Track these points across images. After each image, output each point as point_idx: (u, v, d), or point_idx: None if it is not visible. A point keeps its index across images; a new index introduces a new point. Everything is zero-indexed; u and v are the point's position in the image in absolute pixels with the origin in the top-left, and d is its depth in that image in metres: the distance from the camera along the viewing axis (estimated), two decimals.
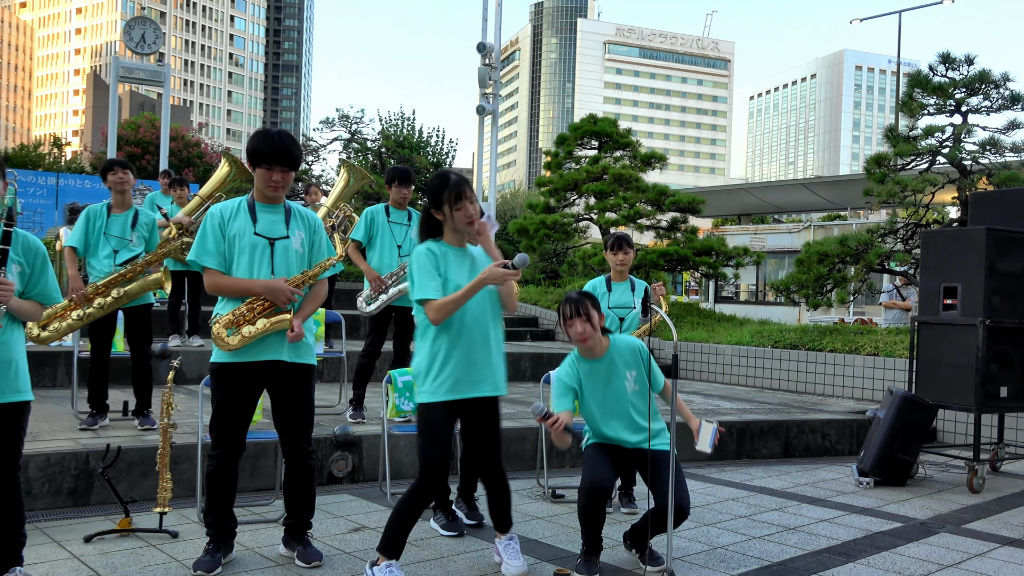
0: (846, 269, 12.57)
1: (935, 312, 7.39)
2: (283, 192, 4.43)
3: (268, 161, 4.33)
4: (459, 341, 4.18)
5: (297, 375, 4.45)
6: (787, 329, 12.83)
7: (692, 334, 13.30)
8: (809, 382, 11.31)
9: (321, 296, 4.55)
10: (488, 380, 4.25)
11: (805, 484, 7.19)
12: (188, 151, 42.20)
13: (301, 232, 4.49)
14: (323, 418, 7.58)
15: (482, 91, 17.78)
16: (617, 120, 19.69)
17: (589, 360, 4.63)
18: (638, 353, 4.67)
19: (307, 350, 4.50)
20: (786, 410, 9.62)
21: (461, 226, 4.25)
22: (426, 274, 4.13)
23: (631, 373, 4.62)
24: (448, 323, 4.16)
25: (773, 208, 30.24)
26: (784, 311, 21.33)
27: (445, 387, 4.18)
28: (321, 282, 4.56)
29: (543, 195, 19.12)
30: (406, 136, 37.49)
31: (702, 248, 16.48)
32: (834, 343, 11.33)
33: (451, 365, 4.17)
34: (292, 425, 4.46)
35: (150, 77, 19.18)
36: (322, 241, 4.58)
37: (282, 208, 4.48)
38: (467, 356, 4.18)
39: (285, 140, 4.36)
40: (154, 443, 6.05)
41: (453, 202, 4.21)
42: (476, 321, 4.22)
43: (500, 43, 18.21)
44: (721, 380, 12.29)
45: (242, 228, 4.35)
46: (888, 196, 12.18)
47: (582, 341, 4.54)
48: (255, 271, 4.34)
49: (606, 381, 4.60)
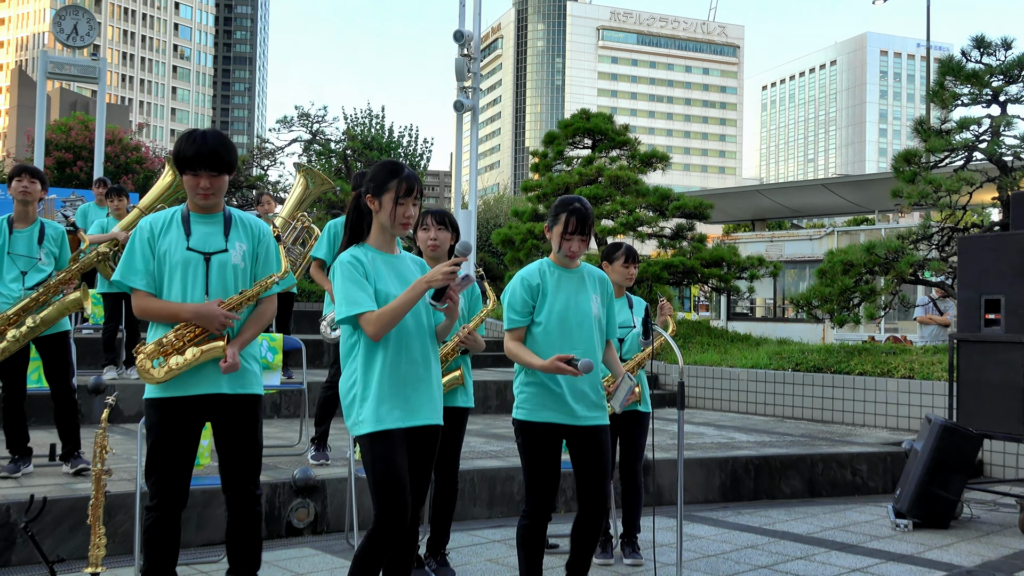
0: (875, 280, 12.57)
1: (976, 328, 7.37)
2: (215, 200, 4.38)
3: (192, 166, 4.28)
4: (397, 362, 4.09)
5: (239, 408, 4.37)
6: (810, 350, 12.82)
7: (702, 356, 13.27)
8: (836, 410, 11.28)
9: (267, 317, 4.48)
10: (426, 407, 4.16)
11: (834, 528, 7.14)
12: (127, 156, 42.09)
13: (243, 243, 4.42)
14: (281, 459, 7.50)
15: (460, 85, 17.76)
16: (613, 116, 19.74)
17: (563, 268, 4.79)
18: (605, 284, 4.89)
19: (251, 378, 4.42)
20: (810, 442, 9.57)
21: (395, 226, 4.17)
22: (355, 285, 4.04)
23: (596, 297, 4.79)
24: (383, 341, 4.07)
25: (791, 212, 30.34)
26: (806, 329, 21.34)
27: (384, 414, 4.06)
28: (268, 300, 4.49)
29: (530, 201, 19.11)
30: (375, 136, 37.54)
31: (711, 258, 16.48)
32: (863, 365, 11.32)
33: (386, 389, 4.08)
34: (234, 465, 4.36)
35: (83, 73, 19.11)
36: (269, 253, 4.50)
37: (220, 217, 4.42)
38: (402, 380, 4.10)
39: (211, 140, 4.31)
40: (85, 492, 5.95)
41: (401, 194, 4.14)
42: (414, 338, 4.14)
43: (480, 30, 18.21)
44: (736, 409, 12.25)
45: (173, 243, 4.31)
46: (920, 197, 12.20)
47: (571, 257, 4.73)
48: (188, 292, 4.29)
49: (576, 291, 4.74)
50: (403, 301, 4.00)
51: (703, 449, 8.90)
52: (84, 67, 19.10)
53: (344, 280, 4.05)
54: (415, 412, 4.10)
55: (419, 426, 4.11)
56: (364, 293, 4.03)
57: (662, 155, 18.75)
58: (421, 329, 4.17)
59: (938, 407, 10.10)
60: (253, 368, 4.44)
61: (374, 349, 4.07)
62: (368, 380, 4.06)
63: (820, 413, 11.42)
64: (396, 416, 4.03)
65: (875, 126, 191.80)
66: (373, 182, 4.18)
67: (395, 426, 4.03)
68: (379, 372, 4.05)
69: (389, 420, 4.02)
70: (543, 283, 4.69)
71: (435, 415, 4.17)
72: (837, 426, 10.96)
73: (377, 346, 4.06)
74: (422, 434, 4.14)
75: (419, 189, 4.23)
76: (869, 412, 10.94)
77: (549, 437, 4.61)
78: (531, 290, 4.68)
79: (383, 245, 4.22)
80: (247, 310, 4.42)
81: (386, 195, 4.13)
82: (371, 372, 4.06)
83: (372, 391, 4.03)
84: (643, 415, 6.02)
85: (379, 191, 4.15)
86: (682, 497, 4.27)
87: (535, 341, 4.65)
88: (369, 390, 4.04)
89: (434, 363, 4.21)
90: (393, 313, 4.00)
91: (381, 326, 3.99)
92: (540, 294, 4.68)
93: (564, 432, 4.62)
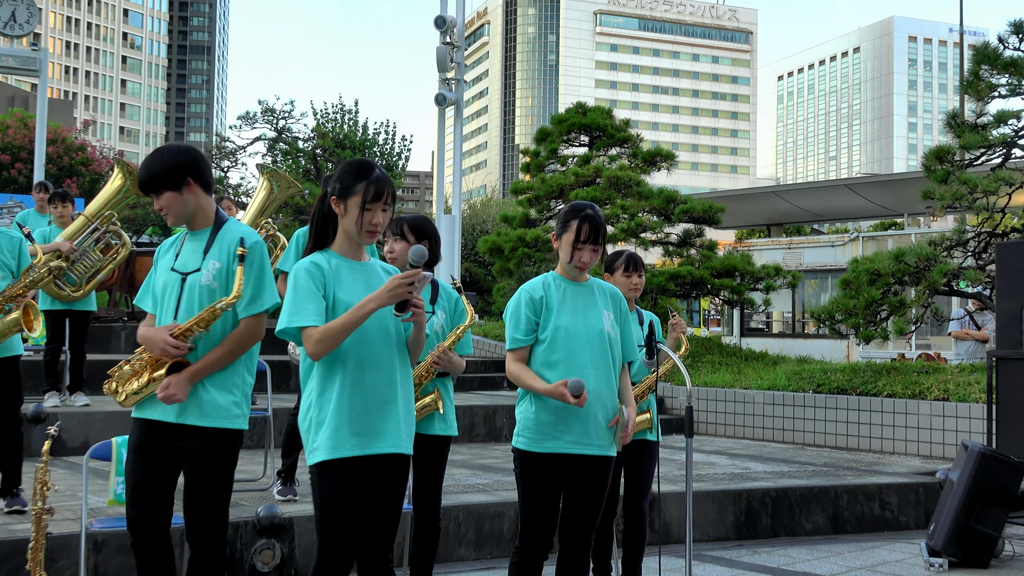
0: (904, 291, 12.60)
1: (1016, 344, 7.39)
2: (173, 219, 4.55)
3: (142, 190, 4.62)
4: (358, 382, 4.07)
5: (207, 441, 4.41)
6: (832, 369, 12.83)
7: (712, 377, 13.28)
8: (862, 436, 11.29)
9: (238, 343, 4.48)
10: (390, 433, 4.13)
11: (861, 568, 7.14)
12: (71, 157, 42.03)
13: (217, 261, 4.47)
14: (244, 495, 7.47)
15: (442, 76, 17.80)
16: (612, 110, 19.78)
17: (571, 281, 4.80)
18: (618, 300, 4.90)
19: (217, 410, 4.42)
20: (834, 472, 9.57)
21: (361, 234, 4.17)
22: (304, 296, 4.04)
23: (608, 314, 4.79)
24: (343, 358, 4.06)
25: (811, 216, 30.40)
26: (828, 346, 21.35)
27: (341, 440, 4.05)
28: (245, 323, 4.48)
29: (521, 205, 19.13)
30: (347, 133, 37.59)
31: (722, 268, 16.50)
32: (892, 385, 11.33)
33: (345, 413, 4.05)
34: (191, 504, 4.40)
35: (22, 65, 19.08)
36: (237, 272, 4.50)
37: (207, 232, 4.56)
38: (364, 402, 4.08)
39: (146, 161, 4.57)
40: (24, 534, 5.91)
41: (369, 198, 4.13)
42: (379, 355, 4.12)
43: (464, 15, 18.28)
44: (751, 435, 12.25)
45: (166, 263, 4.58)
46: (953, 199, 12.24)
47: (581, 269, 4.75)
48: (164, 314, 4.50)
49: (585, 306, 4.75)
50: (347, 320, 3.99)
51: (714, 480, 8.90)
52: (23, 58, 19.07)
53: (294, 289, 4.07)
54: (377, 439, 4.08)
55: (382, 455, 4.09)
56: (313, 305, 4.03)
57: (667, 153, 18.79)
58: (388, 344, 4.15)
59: (975, 432, 10.11)
60: (217, 399, 4.43)
61: (332, 368, 4.07)
62: (325, 403, 4.07)
63: (845, 440, 11.43)
64: (355, 443, 4.03)
65: (903, 120, 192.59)
66: (339, 183, 4.18)
67: (352, 454, 4.03)
68: (337, 394, 4.05)
69: (346, 447, 4.02)
70: (547, 297, 4.70)
71: (401, 443, 4.14)
72: (864, 454, 10.97)
73: (336, 364, 4.06)
74: (386, 464, 4.11)
75: (390, 193, 4.21)
76: (899, 438, 10.96)
77: (553, 470, 4.62)
78: (534, 305, 4.69)
79: (349, 252, 4.22)
80: (204, 339, 4.44)
81: (352, 199, 4.13)
82: (328, 394, 4.07)
83: (329, 415, 4.04)
84: (652, 444, 6.02)
85: (345, 194, 4.15)
86: (691, 535, 4.27)
87: (537, 361, 4.66)
88: (325, 414, 4.05)
89: (402, 384, 4.19)
90: (336, 331, 3.98)
91: (322, 344, 3.98)
92: (544, 309, 4.69)
93: (568, 462, 4.63)
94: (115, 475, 5.46)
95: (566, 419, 4.58)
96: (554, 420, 4.59)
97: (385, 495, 4.13)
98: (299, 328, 4.01)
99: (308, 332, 3.99)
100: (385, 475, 4.12)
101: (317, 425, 4.06)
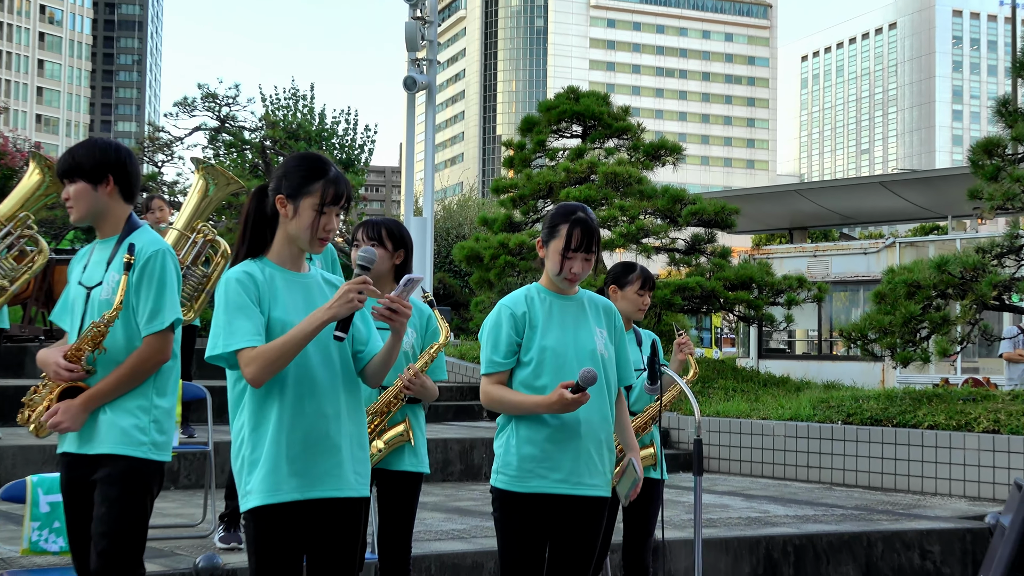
0: (948, 306, 12.63)
1: None
2: (77, 214, 4.62)
3: (60, 175, 4.68)
4: (298, 412, 4.02)
5: (109, 470, 4.42)
6: (865, 396, 12.84)
7: (725, 406, 13.29)
8: (899, 474, 11.30)
9: (137, 369, 4.48)
10: (334, 473, 4.09)
11: None
12: None
13: (116, 273, 4.52)
14: (179, 543, 7.46)
15: (412, 56, 17.82)
16: (609, 95, 19.80)
17: (558, 294, 4.80)
18: (612, 316, 4.90)
19: (117, 434, 4.44)
20: (867, 516, 9.59)
21: (312, 241, 4.11)
22: (239, 312, 3.99)
23: (601, 331, 4.79)
24: (279, 386, 4.02)
25: (839, 218, 30.50)
26: (860, 369, 21.41)
27: (278, 482, 4.02)
28: (147, 342, 4.49)
29: (503, 205, 19.13)
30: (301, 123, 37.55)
31: (737, 279, 16.52)
32: (935, 415, 11.35)
33: (283, 450, 4.01)
34: (97, 544, 4.39)
35: None
36: (142, 284, 4.53)
37: (113, 242, 4.62)
38: (304, 437, 4.03)
39: (75, 147, 4.71)
40: None
41: (328, 200, 4.09)
42: (321, 381, 4.08)
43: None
44: (770, 473, 12.26)
45: (75, 276, 4.67)
46: (1005, 199, 12.28)
47: (571, 281, 4.74)
48: (73, 333, 4.59)
49: (575, 323, 4.75)
50: (295, 336, 3.94)
51: (728, 526, 8.90)
52: None
53: (225, 306, 4.01)
54: (319, 481, 4.04)
55: (326, 499, 4.06)
56: (249, 323, 3.98)
57: (673, 146, 18.83)
58: (330, 369, 4.12)
59: None
60: (117, 422, 4.45)
61: (268, 397, 4.02)
62: (259, 439, 4.03)
63: (879, 478, 11.44)
64: (294, 485, 4.00)
65: (947, 107, 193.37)
66: (288, 180, 4.13)
67: (291, 498, 3.99)
68: (274, 428, 4.00)
69: (285, 490, 3.98)
70: (531, 312, 4.69)
71: (346, 485, 4.10)
72: (901, 495, 10.98)
73: (271, 394, 4.02)
74: (333, 510, 4.08)
75: (348, 196, 4.20)
76: (942, 477, 10.97)
77: (538, 513, 4.60)
78: (516, 322, 4.67)
79: (288, 260, 4.18)
80: (99, 359, 4.49)
81: (305, 200, 4.09)
82: (263, 428, 4.03)
83: (265, 453, 4.00)
84: (656, 483, 6.02)
85: (296, 193, 4.11)
86: None
87: (519, 388, 4.65)
88: (260, 452, 4.01)
89: (349, 416, 4.15)
90: (281, 351, 3.93)
91: (263, 368, 3.93)
92: (527, 326, 4.67)
93: (556, 504, 4.61)
94: (30, 520, 5.44)
95: (553, 454, 4.57)
96: (539, 455, 4.58)
97: (332, 547, 4.10)
98: (234, 352, 3.95)
99: (245, 354, 3.94)
100: (331, 523, 4.09)
101: (251, 465, 4.02)
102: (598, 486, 4.65)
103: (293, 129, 36.41)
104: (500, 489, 4.64)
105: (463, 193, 62.68)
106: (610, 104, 19.20)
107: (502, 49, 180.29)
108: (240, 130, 37.17)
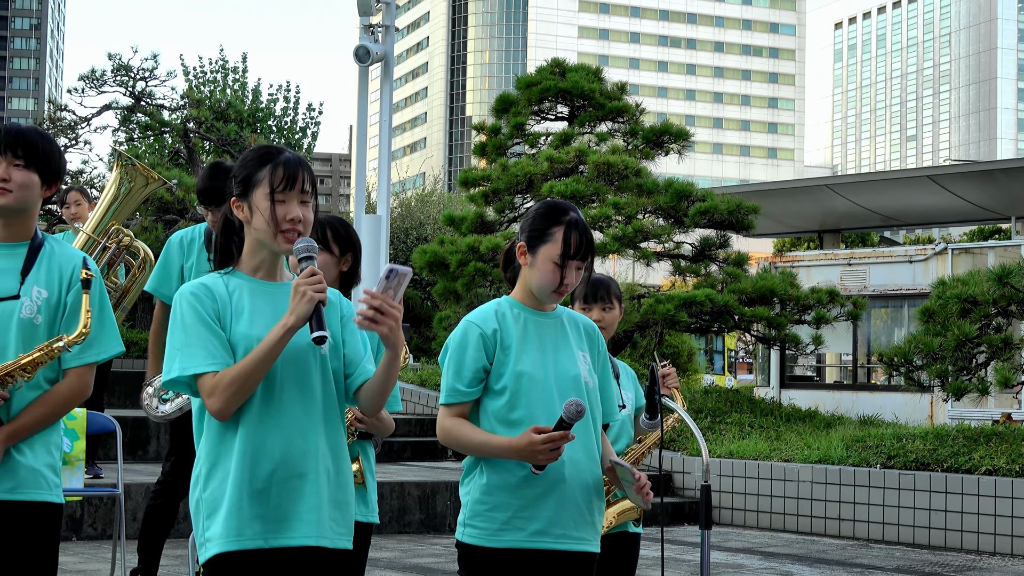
0: (1011, 327, 12.67)
1: None
2: (7, 202, 4.51)
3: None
4: (261, 448, 4.07)
5: (13, 520, 4.43)
6: (910, 435, 12.88)
7: (741, 445, 13.31)
8: (951, 528, 11.33)
9: (64, 399, 4.54)
10: (306, 519, 4.12)
11: None
12: None
13: (43, 288, 4.53)
14: None
15: (364, 22, 17.79)
16: (602, 69, 19.84)
17: (534, 310, 4.77)
18: (595, 338, 4.91)
19: (34, 478, 4.47)
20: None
21: (276, 237, 4.14)
22: (194, 332, 4.05)
23: (583, 355, 4.78)
24: (245, 412, 4.06)
25: (880, 219, 30.57)
26: (904, 402, 21.45)
27: (240, 527, 4.06)
28: (73, 375, 4.54)
29: (473, 201, 19.16)
30: (231, 101, 37.46)
31: (756, 291, 16.57)
32: (994, 459, 11.38)
33: (246, 490, 4.05)
34: None
35: None
36: (79, 304, 4.54)
37: (24, 247, 4.59)
38: (269, 476, 4.06)
39: (33, 130, 4.60)
40: None
41: (278, 185, 4.13)
42: (293, 409, 4.12)
43: None
44: (794, 527, 12.27)
45: None
46: None
47: (561, 293, 4.73)
48: None
49: (555, 345, 4.74)
50: (258, 353, 4.00)
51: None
52: None
53: (181, 326, 4.07)
54: (286, 526, 4.08)
55: (296, 547, 4.09)
56: (208, 345, 4.04)
57: (679, 131, 18.90)
58: (309, 395, 4.16)
59: None
60: (32, 463, 4.48)
61: (229, 428, 4.07)
62: (220, 477, 4.07)
63: (926, 534, 11.46)
64: (257, 530, 4.03)
65: (1011, 85, 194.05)
66: (237, 176, 4.21)
67: (255, 545, 4.03)
68: (237, 463, 4.04)
69: (248, 535, 4.02)
70: (502, 331, 4.66)
71: (320, 532, 4.13)
72: (953, 554, 11.01)
73: (231, 423, 4.06)
74: (304, 562, 4.12)
75: (307, 179, 4.23)
76: (1002, 532, 11.00)
77: (515, 572, 4.58)
78: (485, 343, 4.63)
79: (258, 269, 4.24)
80: (22, 390, 4.48)
81: (256, 192, 4.15)
82: (224, 464, 4.07)
83: (227, 493, 4.03)
84: (632, 537, 6.02)
85: (246, 188, 4.18)
86: None
87: (491, 420, 4.62)
88: (222, 491, 4.05)
89: (329, 449, 4.18)
90: (245, 374, 3.98)
91: (228, 398, 3.98)
92: (499, 348, 4.65)
93: (535, 562, 4.59)
94: None
95: (532, 501, 4.55)
96: (515, 502, 4.55)
97: None
98: (193, 376, 4.01)
99: (206, 384, 3.99)
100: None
101: (210, 506, 4.06)
102: (586, 540, 4.63)
103: (221, 108, 36.33)
104: (468, 544, 4.61)
105: (425, 186, 62.77)
106: (603, 80, 19.24)
107: (473, 13, 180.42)
108: (158, 109, 37.09)
